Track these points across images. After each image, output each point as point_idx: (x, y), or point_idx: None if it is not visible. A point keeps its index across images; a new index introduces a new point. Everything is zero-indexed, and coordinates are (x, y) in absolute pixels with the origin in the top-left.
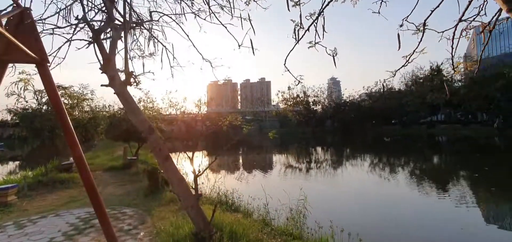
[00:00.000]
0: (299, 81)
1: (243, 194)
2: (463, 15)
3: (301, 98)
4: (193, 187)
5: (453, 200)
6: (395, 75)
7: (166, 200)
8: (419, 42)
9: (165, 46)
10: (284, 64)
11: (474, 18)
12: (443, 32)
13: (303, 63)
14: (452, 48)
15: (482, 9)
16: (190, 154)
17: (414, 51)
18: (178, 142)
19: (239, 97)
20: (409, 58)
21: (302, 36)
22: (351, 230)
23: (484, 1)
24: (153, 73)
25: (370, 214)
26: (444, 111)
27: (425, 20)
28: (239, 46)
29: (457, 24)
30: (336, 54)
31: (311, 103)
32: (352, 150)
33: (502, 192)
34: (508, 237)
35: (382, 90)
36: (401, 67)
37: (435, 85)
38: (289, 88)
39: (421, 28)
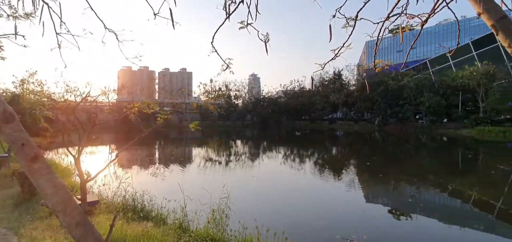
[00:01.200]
0: (227, 65)
1: (157, 195)
2: (391, 12)
3: (223, 92)
4: (84, 196)
5: (358, 188)
6: (323, 68)
7: (45, 213)
8: (349, 35)
9: (46, 3)
10: (212, 43)
11: (397, 17)
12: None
13: (226, 58)
14: (376, 44)
15: (405, 10)
16: (85, 150)
17: (343, 44)
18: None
19: (156, 87)
20: (338, 51)
21: (234, 11)
22: (276, 226)
23: (407, 2)
24: (24, 36)
25: (290, 206)
26: (342, 110)
27: (357, 12)
28: (155, 14)
29: (384, 21)
30: (268, 40)
31: (233, 97)
32: (270, 143)
33: (387, 178)
34: (401, 220)
35: (310, 84)
36: (330, 60)
37: (336, 87)
38: (211, 80)
39: (352, 22)
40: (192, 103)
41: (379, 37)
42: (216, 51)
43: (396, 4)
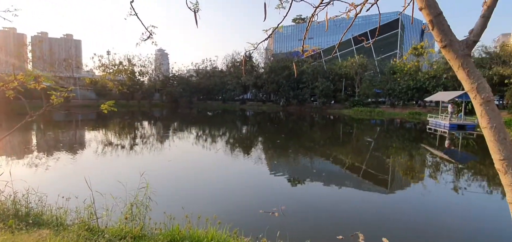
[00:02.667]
0: (150, 34)
1: (49, 193)
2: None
3: (125, 67)
4: None
5: (271, 163)
6: (256, 48)
7: None
8: (285, 16)
9: None
10: (131, 3)
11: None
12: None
13: (128, 32)
14: (307, 29)
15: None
16: None
17: (278, 25)
18: None
19: (29, 55)
20: (273, 32)
21: None
22: (205, 211)
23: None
24: None
25: (214, 187)
26: (252, 91)
27: None
28: None
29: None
30: (198, 10)
31: (138, 74)
32: (182, 124)
33: (294, 152)
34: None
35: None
36: (261, 41)
37: (247, 69)
38: (108, 52)
39: (286, 4)
40: (83, 78)
41: (309, 22)
42: (136, 14)
43: None
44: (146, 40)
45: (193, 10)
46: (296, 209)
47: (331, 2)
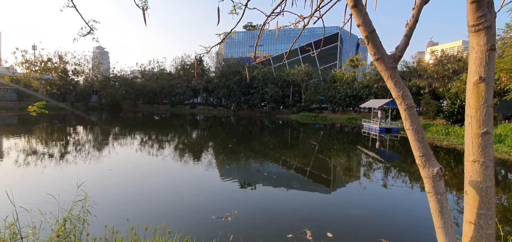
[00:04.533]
0: (91, 29)
1: None
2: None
3: (56, 64)
4: None
5: (224, 170)
6: (209, 51)
7: None
8: (238, 22)
9: None
10: None
11: (277, 15)
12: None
13: (61, 26)
14: (258, 37)
15: (283, 11)
16: None
17: (231, 30)
18: None
19: None
20: (226, 36)
21: None
22: (152, 221)
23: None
24: None
25: (161, 195)
26: (202, 95)
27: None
28: None
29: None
30: (146, 8)
31: (71, 72)
32: (124, 129)
33: (245, 156)
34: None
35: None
36: (215, 45)
37: (198, 73)
38: (34, 47)
39: (239, 10)
40: (2, 76)
41: (261, 30)
42: (74, 6)
43: (278, 5)
44: (85, 36)
45: (141, 7)
46: (249, 212)
47: (282, 13)
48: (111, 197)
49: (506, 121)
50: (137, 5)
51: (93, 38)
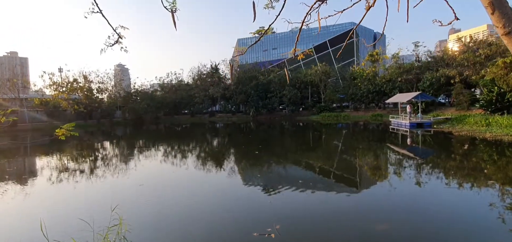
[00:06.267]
0: (119, 36)
1: None
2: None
3: (81, 84)
4: None
5: (255, 179)
6: (244, 53)
7: None
8: (279, 12)
9: None
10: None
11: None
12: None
13: (83, 47)
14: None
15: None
16: None
17: (273, 21)
18: None
19: None
20: (262, 35)
21: None
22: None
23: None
24: None
25: (201, 211)
26: (220, 103)
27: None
28: None
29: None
30: (175, 10)
31: (95, 91)
32: (148, 141)
33: (280, 162)
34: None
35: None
36: (253, 44)
37: (214, 81)
38: (60, 69)
39: (275, 3)
40: (32, 99)
41: (300, 28)
42: (100, 11)
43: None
44: (113, 45)
45: (170, 10)
46: (292, 226)
47: (325, 2)
48: (146, 218)
49: None
50: (165, 7)
51: (122, 48)
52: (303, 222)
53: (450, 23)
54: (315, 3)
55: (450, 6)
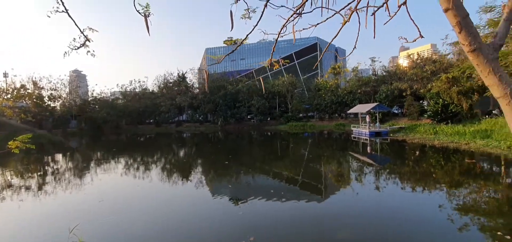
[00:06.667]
0: (86, 39)
1: None
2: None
3: (29, 91)
4: None
5: (226, 190)
6: (220, 61)
7: None
8: (257, 23)
9: None
10: None
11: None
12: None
13: (35, 51)
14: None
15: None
16: None
17: (250, 32)
18: None
19: None
20: (240, 44)
21: None
22: None
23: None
24: None
25: (162, 226)
26: (187, 112)
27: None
28: None
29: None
30: (149, 14)
31: (47, 98)
32: (108, 153)
33: (250, 172)
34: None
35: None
36: (230, 53)
37: (182, 90)
38: (5, 74)
39: (252, 13)
40: None
41: (276, 39)
42: (66, 11)
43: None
44: (78, 48)
45: (143, 14)
46: (267, 237)
47: (300, 15)
48: (108, 237)
49: (486, 116)
50: (138, 11)
51: (88, 51)
52: (280, 232)
53: (415, 41)
54: (291, 16)
55: (416, 25)
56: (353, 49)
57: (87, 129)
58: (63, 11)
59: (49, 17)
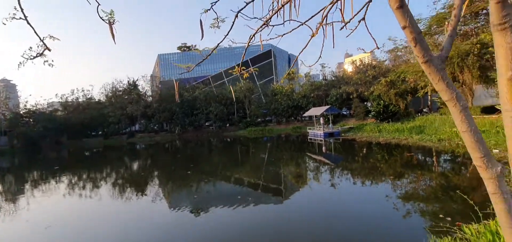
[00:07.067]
0: (46, 47)
1: None
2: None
3: None
4: None
5: (188, 202)
6: (191, 70)
7: None
8: (228, 33)
9: None
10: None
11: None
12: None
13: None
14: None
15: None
16: None
17: (221, 41)
18: None
19: None
20: (210, 53)
21: None
22: None
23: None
24: None
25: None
26: (141, 122)
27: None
28: None
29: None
30: (113, 21)
31: None
32: (46, 172)
33: (214, 180)
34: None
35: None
36: (200, 62)
37: (133, 98)
38: None
39: (221, 23)
40: None
41: (246, 48)
42: (25, 18)
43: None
44: (35, 58)
45: (107, 21)
46: None
47: (267, 25)
48: None
49: (419, 114)
50: (101, 18)
51: (46, 61)
52: (240, 240)
53: (372, 51)
54: (260, 27)
55: (373, 37)
56: (319, 58)
57: (20, 146)
58: (20, 18)
59: (5, 24)
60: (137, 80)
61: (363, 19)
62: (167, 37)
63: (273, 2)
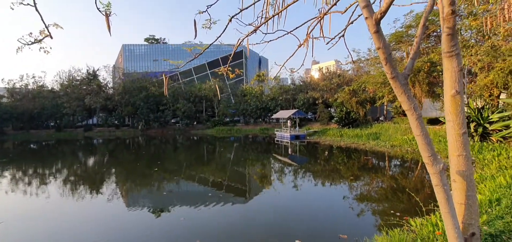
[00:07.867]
0: (49, 34)
1: None
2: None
3: None
4: None
5: (137, 198)
6: (180, 69)
7: None
8: (223, 32)
9: None
10: None
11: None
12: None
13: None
14: (231, 57)
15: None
16: None
17: (215, 40)
18: None
19: None
20: (200, 54)
21: None
22: None
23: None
24: None
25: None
26: (100, 115)
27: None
28: None
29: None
30: (110, 13)
31: None
32: None
33: (180, 179)
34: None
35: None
36: (190, 60)
37: (93, 89)
38: None
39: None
40: None
41: (234, 51)
42: (34, 4)
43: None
44: (33, 43)
45: (103, 13)
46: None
47: (255, 31)
48: None
49: (376, 122)
50: (98, 9)
51: (41, 48)
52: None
53: (347, 64)
54: (249, 33)
55: (349, 52)
56: (301, 65)
57: None
58: (28, 4)
59: (12, 9)
60: (97, 69)
61: (343, 36)
62: (134, 27)
63: (262, 10)
